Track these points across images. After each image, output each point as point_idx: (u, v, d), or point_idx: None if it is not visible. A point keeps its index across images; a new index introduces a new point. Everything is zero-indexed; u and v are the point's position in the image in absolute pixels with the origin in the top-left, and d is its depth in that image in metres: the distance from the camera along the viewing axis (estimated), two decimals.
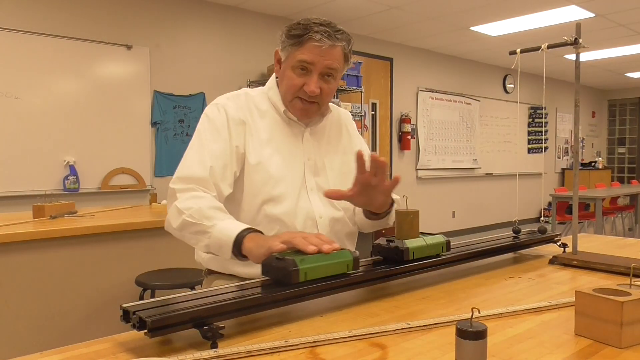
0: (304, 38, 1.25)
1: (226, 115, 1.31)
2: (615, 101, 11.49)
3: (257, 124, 1.34)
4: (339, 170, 1.43)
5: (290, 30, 1.28)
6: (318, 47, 1.25)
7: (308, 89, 1.28)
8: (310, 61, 1.26)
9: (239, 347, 0.79)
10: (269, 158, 1.31)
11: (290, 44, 1.28)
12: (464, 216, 7.95)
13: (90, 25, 4.35)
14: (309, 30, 1.25)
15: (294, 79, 1.29)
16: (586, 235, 1.98)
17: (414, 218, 1.18)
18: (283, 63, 1.33)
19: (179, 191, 1.23)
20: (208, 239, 1.15)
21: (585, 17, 5.66)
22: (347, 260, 1.02)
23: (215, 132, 1.30)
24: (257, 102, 1.38)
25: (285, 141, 1.36)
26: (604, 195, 6.29)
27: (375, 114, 6.73)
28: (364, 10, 5.43)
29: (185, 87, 4.94)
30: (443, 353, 0.79)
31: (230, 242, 1.10)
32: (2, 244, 2.28)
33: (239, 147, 1.30)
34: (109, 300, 2.62)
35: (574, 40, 1.35)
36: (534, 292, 1.13)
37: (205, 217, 1.16)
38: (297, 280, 0.94)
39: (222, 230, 1.13)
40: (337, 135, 1.48)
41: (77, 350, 0.81)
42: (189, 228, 1.19)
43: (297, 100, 1.32)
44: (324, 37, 1.25)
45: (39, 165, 4.09)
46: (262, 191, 1.29)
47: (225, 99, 1.36)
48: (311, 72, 1.28)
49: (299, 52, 1.26)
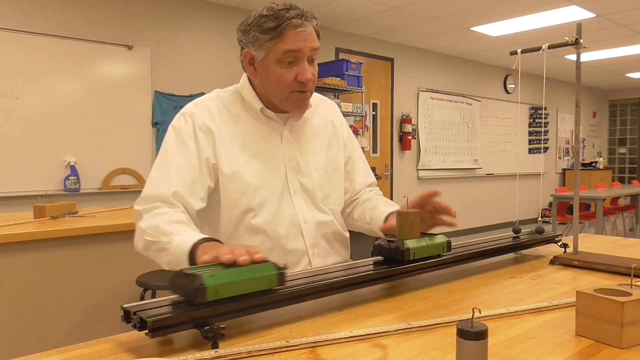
0: (283, 27, 1.17)
1: (193, 125, 1.24)
2: (616, 101, 11.49)
3: (229, 130, 1.26)
4: (324, 168, 1.37)
5: (260, 25, 1.18)
6: (301, 32, 1.18)
7: (304, 78, 1.21)
8: (298, 49, 1.19)
9: (240, 348, 0.79)
10: (245, 166, 1.24)
11: (267, 39, 1.18)
12: (464, 216, 7.94)
13: (91, 25, 4.36)
14: (283, 18, 1.17)
15: (285, 73, 1.21)
16: (587, 235, 1.97)
17: (415, 218, 1.17)
18: (261, 62, 1.22)
19: (143, 212, 1.16)
20: (167, 255, 1.08)
21: (586, 17, 5.66)
22: (269, 274, 0.90)
23: (182, 144, 1.22)
24: (229, 104, 1.30)
25: (263, 144, 1.29)
26: (605, 196, 6.28)
27: (376, 114, 6.73)
28: (364, 10, 5.43)
29: (186, 87, 4.95)
30: (444, 353, 0.79)
31: (185, 257, 1.03)
32: (3, 244, 2.28)
33: (209, 158, 1.22)
34: (109, 300, 2.62)
35: (575, 40, 1.34)
36: (534, 292, 1.13)
37: (162, 234, 1.09)
38: (203, 299, 0.82)
39: (178, 245, 1.05)
40: (321, 131, 1.40)
41: (77, 351, 0.81)
42: (151, 247, 1.12)
43: (294, 94, 1.24)
44: (300, 20, 1.18)
45: (40, 165, 4.09)
46: (240, 202, 1.24)
47: (193, 107, 1.28)
48: (300, 60, 1.21)
49: (282, 43, 1.17)
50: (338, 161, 1.43)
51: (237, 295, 0.86)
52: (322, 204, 1.35)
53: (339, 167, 1.42)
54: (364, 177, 1.51)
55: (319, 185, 1.34)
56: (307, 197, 1.33)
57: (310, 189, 1.33)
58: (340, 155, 1.44)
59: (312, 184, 1.33)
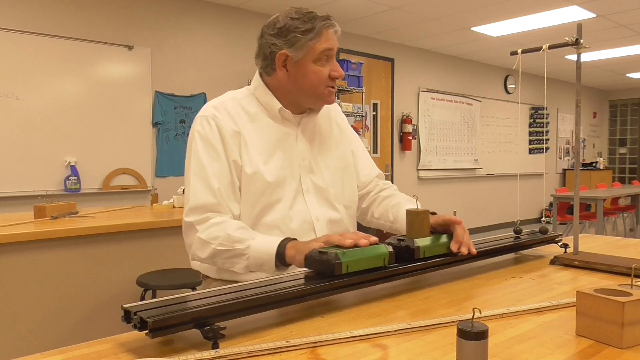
0: (320, 28, 1.26)
1: (218, 128, 1.27)
2: (616, 102, 11.48)
3: (249, 130, 1.30)
4: (334, 167, 1.41)
5: (297, 27, 1.26)
6: (335, 32, 1.29)
7: (338, 74, 1.31)
8: (332, 47, 1.29)
9: (240, 348, 0.79)
10: (264, 165, 1.28)
11: (308, 39, 1.26)
12: (465, 216, 7.93)
13: (92, 25, 4.36)
14: (317, 20, 1.27)
15: (321, 70, 1.29)
16: (587, 235, 1.97)
17: (425, 217, 1.20)
18: (297, 62, 1.28)
19: (196, 223, 1.22)
20: (246, 260, 1.17)
21: (587, 17, 5.66)
22: (383, 253, 1.07)
23: (212, 150, 1.26)
24: (245, 105, 1.33)
25: (280, 143, 1.33)
26: (605, 196, 6.28)
27: (376, 114, 6.73)
28: (365, 10, 5.43)
29: (186, 88, 4.95)
30: (444, 353, 0.79)
31: (272, 258, 1.14)
32: (4, 245, 2.28)
33: (236, 160, 1.27)
34: (110, 300, 2.62)
35: (575, 40, 1.34)
36: (535, 292, 1.13)
37: (236, 241, 1.17)
38: (339, 272, 0.99)
39: (259, 249, 1.16)
40: (328, 131, 1.45)
41: (78, 351, 0.81)
42: (222, 255, 1.20)
43: (327, 89, 1.32)
44: (331, 21, 1.29)
45: (40, 165, 4.09)
46: (259, 200, 1.27)
47: (213, 109, 1.30)
48: (331, 58, 1.31)
49: (319, 43, 1.27)
50: (347, 158, 1.47)
51: (359, 270, 1.03)
52: (336, 201, 1.39)
53: (348, 164, 1.47)
54: (369, 170, 1.55)
55: (330, 183, 1.38)
56: (320, 195, 1.36)
57: (323, 187, 1.37)
58: (348, 152, 1.49)
59: (324, 182, 1.37)
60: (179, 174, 4.86)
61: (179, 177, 4.85)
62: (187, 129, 4.92)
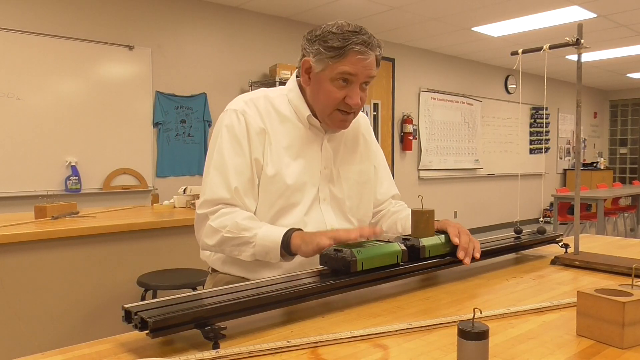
0: (346, 50, 1.20)
1: (246, 124, 1.26)
2: (617, 102, 11.48)
3: (276, 131, 1.29)
4: (355, 180, 1.40)
5: (326, 40, 1.21)
6: (361, 59, 1.21)
7: (352, 102, 1.25)
8: (354, 73, 1.22)
9: (241, 348, 0.79)
10: (286, 167, 1.28)
11: (329, 57, 1.21)
12: (465, 217, 7.94)
13: (92, 25, 4.36)
14: (349, 41, 1.20)
15: (335, 92, 1.24)
16: (588, 235, 1.97)
17: (430, 217, 1.20)
18: (317, 74, 1.26)
19: (209, 213, 1.24)
20: (253, 248, 1.19)
21: (587, 17, 5.65)
22: (397, 251, 1.10)
23: (237, 144, 1.26)
24: (277, 105, 1.32)
25: (304, 149, 1.32)
26: (606, 196, 6.28)
27: (377, 114, 6.73)
28: (365, 10, 5.43)
29: (187, 88, 4.95)
30: (445, 354, 0.79)
31: (278, 246, 1.15)
32: (4, 245, 2.28)
33: (258, 159, 1.26)
34: (110, 300, 2.62)
35: (576, 40, 1.34)
36: (535, 292, 1.13)
37: (243, 229, 1.19)
38: (354, 269, 1.02)
39: (265, 237, 1.17)
40: (354, 143, 1.44)
41: (78, 351, 0.81)
42: (229, 242, 1.21)
43: (337, 113, 1.27)
44: (365, 47, 1.21)
45: (41, 165, 4.10)
46: (277, 203, 1.27)
47: (244, 104, 1.29)
48: (352, 84, 1.24)
49: (340, 64, 1.21)
50: (369, 174, 1.46)
51: (374, 267, 1.06)
52: (350, 214, 1.39)
53: (369, 180, 1.46)
54: (387, 188, 1.53)
55: (348, 195, 1.38)
56: (336, 205, 1.36)
57: (340, 198, 1.37)
58: (371, 168, 1.48)
59: (341, 194, 1.37)
60: (179, 174, 4.86)
61: (180, 177, 4.85)
62: (187, 129, 4.93)
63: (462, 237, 1.23)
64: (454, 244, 1.22)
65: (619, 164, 11.44)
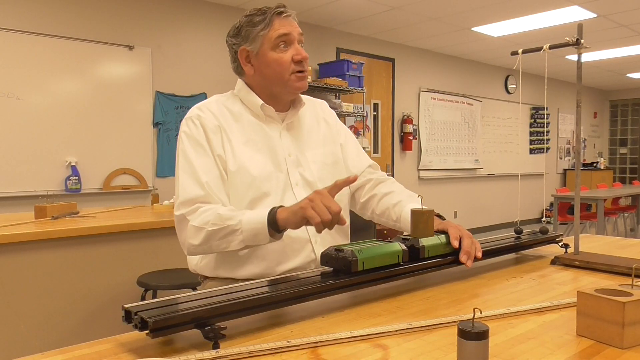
0: (270, 15, 1.30)
1: (202, 126, 1.31)
2: (617, 102, 11.48)
3: (232, 129, 1.33)
4: (323, 162, 1.43)
5: (250, 21, 1.31)
6: (286, 17, 1.32)
7: (300, 57, 1.31)
8: (288, 32, 1.31)
9: (241, 348, 0.79)
10: (249, 160, 1.31)
11: (259, 30, 1.30)
12: (465, 217, 7.94)
13: (92, 25, 4.36)
14: (268, 10, 1.30)
15: (282, 56, 1.31)
16: (588, 235, 1.97)
17: (430, 217, 1.20)
18: (257, 54, 1.33)
19: (187, 214, 1.24)
20: (241, 234, 1.19)
21: (587, 17, 5.65)
22: (397, 251, 1.11)
23: (198, 146, 1.30)
24: (230, 105, 1.38)
25: (264, 140, 1.36)
26: (606, 196, 6.28)
27: (377, 114, 6.73)
28: (365, 10, 5.43)
29: (187, 88, 4.95)
30: (445, 353, 0.79)
31: (265, 226, 1.16)
32: (4, 245, 2.28)
33: (220, 155, 1.30)
34: (110, 300, 2.62)
35: (576, 40, 1.34)
36: (535, 292, 1.13)
37: (227, 219, 1.20)
38: (356, 269, 1.03)
39: (250, 221, 1.18)
40: (315, 128, 1.48)
41: (79, 351, 0.81)
42: (216, 236, 1.21)
43: (294, 75, 1.33)
44: (283, 8, 1.32)
45: (41, 165, 4.10)
46: (247, 195, 1.29)
47: (197, 110, 1.35)
48: (292, 43, 1.32)
49: (272, 30, 1.30)
50: (336, 154, 1.48)
51: (375, 267, 1.06)
52: None
53: (338, 160, 1.48)
54: (360, 160, 1.54)
55: (319, 177, 1.39)
56: (309, 189, 1.37)
57: (312, 182, 1.38)
58: (337, 149, 1.50)
59: (312, 177, 1.39)
60: None
61: None
62: None
63: (465, 240, 1.23)
64: (454, 248, 1.22)
65: (619, 164, 11.44)
